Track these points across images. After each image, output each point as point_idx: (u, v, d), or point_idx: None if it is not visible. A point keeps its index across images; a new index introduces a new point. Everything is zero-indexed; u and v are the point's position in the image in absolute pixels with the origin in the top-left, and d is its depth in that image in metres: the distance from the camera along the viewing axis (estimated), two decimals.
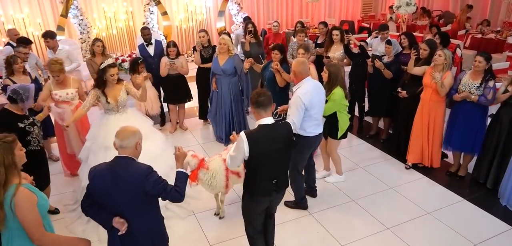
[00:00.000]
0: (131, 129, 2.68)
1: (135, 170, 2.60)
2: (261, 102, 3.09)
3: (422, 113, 5.20)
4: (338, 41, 6.55)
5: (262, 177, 3.18)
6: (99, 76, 4.54)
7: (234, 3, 12.58)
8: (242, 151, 3.05)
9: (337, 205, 4.77)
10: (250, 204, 3.33)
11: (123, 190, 2.58)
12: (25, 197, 2.43)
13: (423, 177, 5.32)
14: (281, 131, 3.22)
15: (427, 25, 11.98)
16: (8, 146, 2.47)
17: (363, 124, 7.01)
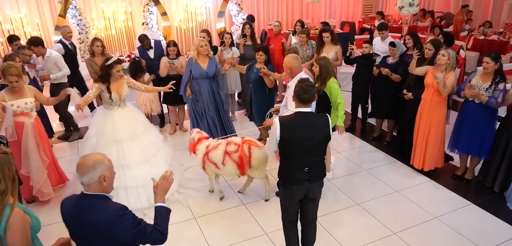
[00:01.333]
0: (90, 161, 2.21)
1: (102, 214, 2.17)
2: (304, 99, 3.13)
3: (422, 115, 5.09)
4: (329, 42, 6.49)
5: (294, 165, 3.20)
6: (105, 72, 4.53)
7: (234, 3, 12.46)
8: (274, 135, 3.14)
9: (341, 208, 4.66)
10: (285, 192, 3.40)
11: (92, 237, 2.19)
12: (20, 220, 2.15)
13: (428, 180, 5.21)
14: (318, 122, 3.23)
15: (428, 26, 11.91)
16: (8, 157, 2.19)
17: (366, 126, 6.91)
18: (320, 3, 13.30)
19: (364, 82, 6.39)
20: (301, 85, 3.14)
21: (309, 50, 6.84)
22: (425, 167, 5.24)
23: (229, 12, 12.69)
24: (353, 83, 6.62)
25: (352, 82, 6.67)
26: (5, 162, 2.15)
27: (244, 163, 4.46)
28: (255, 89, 5.68)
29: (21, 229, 2.17)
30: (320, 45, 6.62)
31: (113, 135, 4.52)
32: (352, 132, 6.82)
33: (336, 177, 5.32)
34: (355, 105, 6.77)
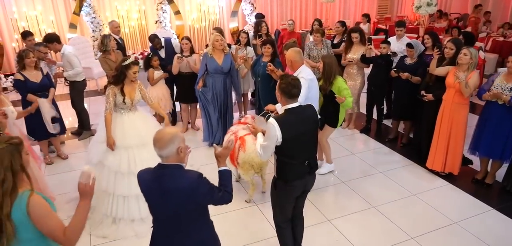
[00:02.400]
0: (168, 135, 2.37)
1: (184, 181, 2.38)
2: (294, 94, 3.10)
3: (443, 116, 4.92)
4: (357, 42, 6.35)
5: (295, 161, 3.17)
6: (121, 73, 4.26)
7: (247, 3, 12.39)
8: (274, 137, 3.03)
9: (357, 211, 4.52)
10: (285, 190, 3.28)
11: (171, 203, 2.39)
12: (40, 203, 2.14)
13: (446, 184, 5.05)
14: (307, 113, 3.22)
15: (445, 28, 11.69)
16: (15, 148, 2.14)
17: (382, 127, 6.76)
18: (335, 3, 13.15)
19: (380, 82, 6.23)
20: (288, 81, 3.10)
21: (324, 49, 6.71)
22: (446, 169, 5.08)
23: (242, 11, 12.63)
24: (369, 83, 6.48)
25: (368, 83, 6.53)
26: (8, 153, 2.09)
27: (233, 158, 4.59)
28: (262, 83, 5.72)
29: (45, 211, 2.15)
30: (349, 45, 6.46)
31: (122, 140, 4.26)
32: (367, 133, 6.67)
33: (351, 179, 5.19)
34: (371, 106, 6.62)
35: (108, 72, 6.06)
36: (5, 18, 10.41)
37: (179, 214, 2.42)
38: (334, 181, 5.14)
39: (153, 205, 2.49)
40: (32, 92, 5.29)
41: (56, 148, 5.92)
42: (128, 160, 4.24)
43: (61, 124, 5.80)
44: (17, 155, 2.12)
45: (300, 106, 3.18)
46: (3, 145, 2.09)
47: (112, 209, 4.25)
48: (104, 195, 4.27)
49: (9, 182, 2.07)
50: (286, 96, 3.10)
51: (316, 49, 6.70)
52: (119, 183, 4.24)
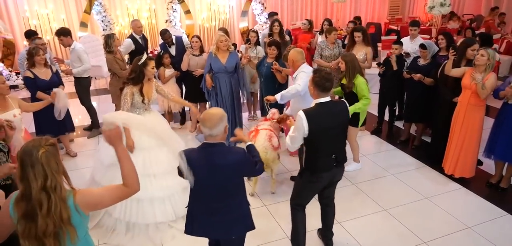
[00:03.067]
0: (218, 115, 2.60)
1: (232, 157, 2.63)
2: (327, 88, 3.19)
3: (458, 118, 4.81)
4: (360, 42, 6.26)
5: (322, 153, 3.26)
6: (140, 72, 4.17)
7: (258, 2, 12.34)
8: (301, 129, 3.13)
9: (368, 214, 4.43)
10: (311, 180, 3.38)
11: (219, 178, 2.61)
12: (85, 195, 2.08)
13: (460, 187, 4.93)
14: (338, 108, 3.32)
15: (457, 29, 11.51)
16: (56, 148, 2.03)
17: (393, 129, 6.65)
18: (346, 3, 13.04)
19: (392, 84, 6.12)
20: (322, 75, 3.20)
21: (336, 49, 6.63)
22: (456, 173, 4.97)
23: (252, 11, 12.58)
24: (381, 85, 6.37)
25: (380, 84, 6.43)
26: (52, 155, 1.97)
27: None
28: (266, 84, 5.71)
29: (90, 194, 2.13)
30: (351, 44, 6.39)
31: (139, 141, 4.09)
32: (378, 135, 6.57)
33: (362, 181, 5.10)
34: (382, 107, 6.51)
35: (118, 72, 6.04)
36: (17, 16, 10.50)
37: (225, 187, 2.66)
38: (344, 183, 5.05)
39: (200, 180, 2.63)
40: (41, 90, 5.29)
41: (65, 145, 5.92)
42: (143, 162, 4.11)
43: (70, 122, 5.81)
44: (58, 156, 2.02)
45: (331, 101, 3.27)
46: (45, 147, 1.96)
47: (126, 213, 4.06)
48: None
49: (62, 186, 1.98)
50: (319, 89, 3.18)
51: (329, 49, 6.62)
52: None
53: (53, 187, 1.93)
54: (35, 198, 1.92)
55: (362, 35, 6.24)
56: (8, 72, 9.73)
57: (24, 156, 1.93)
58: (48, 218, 1.93)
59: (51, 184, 1.93)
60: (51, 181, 1.93)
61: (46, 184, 1.92)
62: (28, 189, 1.93)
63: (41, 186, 1.91)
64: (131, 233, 4.05)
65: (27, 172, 1.91)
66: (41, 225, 1.93)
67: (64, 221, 1.96)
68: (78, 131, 6.74)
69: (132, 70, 4.26)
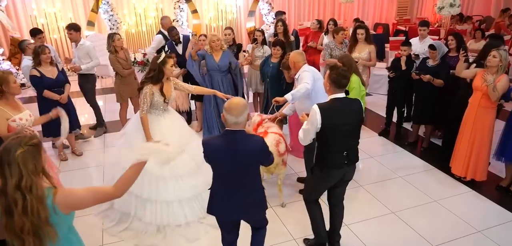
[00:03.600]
0: (242, 103, 2.76)
1: (253, 144, 2.80)
2: (343, 85, 3.22)
3: (468, 119, 4.73)
4: (362, 40, 6.19)
5: (334, 150, 3.27)
6: (159, 71, 4.03)
7: (265, 2, 12.29)
8: (315, 123, 3.14)
9: (376, 216, 4.37)
10: (320, 176, 3.40)
11: (240, 163, 2.77)
12: (65, 195, 2.05)
13: (469, 190, 4.85)
14: (353, 106, 3.33)
15: (466, 30, 11.39)
16: (36, 149, 2.01)
17: (401, 130, 6.56)
18: (353, 3, 12.94)
19: (401, 85, 6.03)
20: (338, 71, 3.21)
21: (345, 49, 6.57)
22: (468, 176, 4.89)
23: (259, 11, 12.54)
24: (390, 86, 6.29)
25: (388, 85, 6.35)
26: (30, 155, 1.96)
27: None
28: (272, 84, 5.67)
29: (71, 194, 2.10)
30: (354, 43, 6.35)
31: None
32: (386, 136, 6.49)
33: (369, 183, 5.04)
34: (391, 108, 6.43)
35: (120, 71, 6.03)
36: (24, 15, 10.53)
37: (244, 172, 2.82)
38: (352, 184, 4.93)
39: (221, 166, 2.82)
40: (48, 88, 5.28)
41: (71, 144, 5.91)
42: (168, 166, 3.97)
43: (76, 120, 5.80)
44: (39, 157, 2.00)
45: (346, 98, 3.30)
46: (24, 147, 1.95)
47: (156, 217, 4.00)
48: (146, 203, 4.04)
49: (38, 186, 1.96)
50: (335, 85, 3.20)
51: (338, 49, 6.57)
52: (162, 188, 4.02)
53: (28, 188, 1.92)
54: (11, 196, 1.92)
55: (365, 33, 6.18)
56: (16, 70, 9.75)
57: (3, 153, 1.93)
58: (24, 217, 1.92)
59: (26, 184, 1.91)
60: (26, 182, 1.91)
61: (21, 184, 1.91)
62: (5, 185, 1.93)
63: (15, 185, 1.91)
64: (162, 233, 4.01)
65: (4, 169, 1.92)
66: (18, 222, 1.92)
67: (42, 220, 1.94)
68: (84, 130, 6.73)
69: (151, 68, 4.12)
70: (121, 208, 4.16)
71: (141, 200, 4.04)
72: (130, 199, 4.05)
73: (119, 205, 4.14)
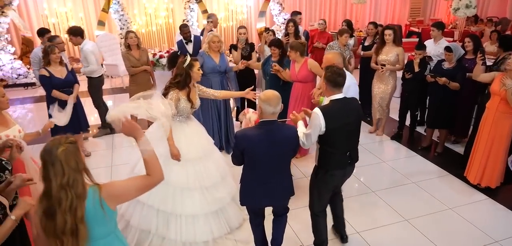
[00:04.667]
0: (276, 95, 2.95)
1: (289, 132, 3.04)
2: (339, 83, 3.19)
3: (485, 124, 4.58)
4: (390, 42, 5.97)
5: (337, 151, 3.27)
6: (186, 75, 3.80)
7: (276, 3, 12.18)
8: (318, 126, 3.13)
9: (388, 224, 4.24)
10: (325, 179, 3.40)
11: (278, 151, 2.98)
12: (111, 188, 2.08)
13: (486, 198, 4.69)
14: (352, 105, 3.33)
15: (482, 31, 11.17)
16: (76, 146, 2.01)
17: (414, 134, 6.41)
18: (365, 4, 12.77)
19: (414, 87, 5.88)
20: (333, 70, 3.21)
21: (347, 51, 6.49)
22: (483, 183, 4.74)
23: (270, 12, 12.43)
24: (403, 88, 6.14)
25: (402, 88, 6.20)
26: (71, 153, 1.96)
27: None
28: (271, 83, 5.58)
29: (116, 186, 2.13)
30: (381, 45, 6.08)
31: (187, 152, 3.77)
32: (398, 140, 6.34)
33: (381, 189, 4.91)
34: (404, 112, 6.28)
35: (127, 68, 6.01)
36: (36, 15, 10.58)
37: (280, 160, 3.04)
38: (363, 190, 4.87)
39: (259, 155, 2.97)
40: (57, 88, 5.25)
41: (79, 144, 5.86)
42: (195, 174, 3.81)
43: (84, 121, 5.76)
44: (78, 154, 2.00)
45: (345, 98, 3.27)
46: (65, 145, 1.95)
47: (181, 233, 3.72)
48: (170, 218, 3.76)
49: (79, 184, 1.97)
50: (331, 85, 3.18)
51: (341, 50, 6.45)
52: (188, 200, 3.76)
53: (70, 184, 1.94)
54: (55, 196, 1.93)
55: (393, 34, 5.93)
56: (27, 69, 9.79)
57: (45, 155, 1.94)
58: (66, 215, 1.93)
59: (68, 181, 1.93)
60: (69, 179, 1.93)
61: (63, 182, 1.93)
62: (49, 187, 1.94)
63: (59, 184, 1.92)
64: None
65: (48, 170, 1.93)
66: (60, 222, 1.94)
67: (78, 218, 1.95)
68: (94, 130, 6.70)
69: (177, 73, 3.83)
70: (139, 226, 3.78)
71: (164, 215, 3.74)
72: (150, 214, 3.74)
73: (137, 221, 3.78)
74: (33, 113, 7.90)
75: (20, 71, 9.72)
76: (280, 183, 3.13)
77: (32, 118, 7.57)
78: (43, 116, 5.41)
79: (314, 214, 3.57)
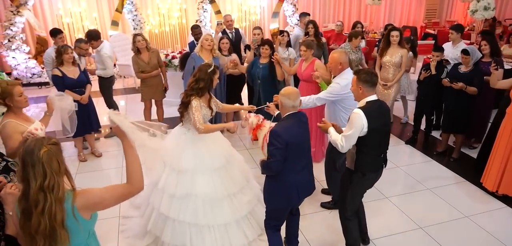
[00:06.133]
0: (296, 90, 3.20)
1: (306, 118, 3.25)
2: (375, 82, 3.20)
3: (505, 131, 4.44)
4: (395, 43, 5.90)
5: (374, 153, 3.29)
6: (210, 81, 3.71)
7: (289, 4, 12.09)
8: (360, 127, 3.10)
9: (402, 231, 4.13)
10: (361, 182, 3.38)
11: (307, 134, 3.24)
12: (85, 196, 2.01)
13: (504, 206, 4.55)
14: (385, 106, 3.35)
15: (499, 34, 10.92)
16: (59, 148, 1.98)
17: (429, 139, 6.27)
18: (380, 5, 12.59)
19: (430, 91, 5.74)
20: (366, 71, 3.23)
21: (359, 53, 6.38)
22: (500, 190, 4.60)
23: (283, 12, 12.36)
24: (418, 92, 6.01)
25: (417, 91, 6.07)
26: (54, 155, 1.92)
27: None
28: (264, 85, 5.61)
29: (91, 194, 2.04)
30: (386, 46, 6.03)
31: (212, 162, 3.72)
32: (413, 145, 6.21)
33: (395, 194, 4.79)
34: (419, 116, 6.14)
35: (137, 74, 6.02)
36: (51, 14, 10.67)
37: (308, 142, 3.28)
38: (376, 196, 4.75)
39: (299, 146, 3.10)
40: (69, 89, 5.26)
41: (90, 145, 5.88)
42: (222, 182, 3.74)
43: (96, 121, 5.76)
44: (61, 156, 1.98)
45: (378, 99, 3.26)
46: (47, 146, 1.92)
47: (217, 243, 3.66)
48: (204, 230, 3.66)
49: (59, 186, 1.92)
50: (369, 85, 3.17)
51: (353, 52, 6.39)
52: (218, 210, 3.68)
53: (51, 187, 1.89)
54: (32, 197, 1.88)
55: (399, 35, 5.91)
56: (41, 69, 9.88)
57: (26, 156, 1.90)
58: (41, 217, 1.88)
59: (49, 184, 1.88)
60: (50, 181, 1.89)
61: (44, 184, 1.88)
62: (27, 188, 1.90)
63: (39, 186, 1.88)
64: None
65: (27, 172, 1.89)
66: (34, 222, 1.89)
67: (57, 222, 1.90)
68: (105, 130, 6.71)
69: (200, 78, 3.68)
70: (172, 241, 3.66)
71: (196, 228, 3.64)
72: (183, 229, 3.64)
73: (169, 237, 3.66)
74: None
75: (34, 71, 9.82)
76: (310, 167, 3.28)
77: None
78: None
79: (347, 221, 3.54)
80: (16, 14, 9.43)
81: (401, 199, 4.72)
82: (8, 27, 9.43)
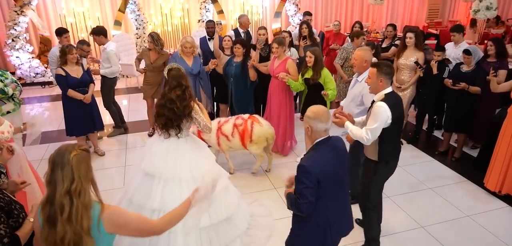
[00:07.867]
0: (327, 109, 2.64)
1: (341, 142, 2.71)
2: (393, 74, 3.36)
3: (506, 131, 4.45)
4: (411, 45, 5.77)
5: (396, 140, 3.41)
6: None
7: (291, 3, 12.10)
8: (385, 119, 3.15)
9: (403, 231, 4.15)
10: (386, 170, 3.48)
11: (344, 163, 2.68)
12: (114, 213, 1.99)
13: (505, 205, 4.56)
14: (398, 96, 3.41)
15: (501, 34, 10.90)
16: (88, 156, 1.98)
17: (431, 139, 6.28)
18: (382, 5, 12.58)
19: (432, 90, 5.76)
20: (386, 63, 3.30)
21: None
22: (503, 190, 4.60)
23: (286, 12, 12.37)
24: (421, 92, 6.01)
25: (419, 91, 6.07)
26: (83, 160, 1.92)
27: (246, 137, 4.91)
28: (236, 83, 5.80)
29: (121, 214, 2.05)
30: (402, 48, 5.87)
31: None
32: (415, 144, 6.22)
33: (396, 194, 4.81)
34: (421, 115, 6.15)
35: (136, 63, 6.32)
36: (54, 14, 10.71)
37: (345, 171, 2.71)
38: None
39: (337, 178, 2.61)
40: (72, 88, 5.30)
41: (93, 144, 5.92)
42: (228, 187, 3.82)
43: (99, 120, 5.80)
44: (90, 163, 1.98)
45: (393, 91, 3.32)
46: (78, 151, 1.91)
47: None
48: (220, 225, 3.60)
49: (86, 192, 1.91)
50: (389, 77, 3.25)
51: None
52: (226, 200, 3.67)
53: (77, 192, 1.87)
54: (58, 201, 1.86)
55: (415, 37, 5.72)
56: (44, 68, 9.93)
57: (56, 157, 1.89)
58: (68, 225, 1.86)
59: (76, 188, 1.86)
60: (77, 186, 1.87)
61: (71, 188, 1.86)
62: (53, 191, 1.87)
63: (66, 189, 1.85)
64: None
65: (55, 174, 1.87)
66: (60, 231, 1.86)
67: (84, 229, 1.88)
68: (108, 129, 6.74)
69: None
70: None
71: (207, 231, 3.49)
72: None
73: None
74: (50, 112, 7.99)
75: (38, 70, 9.87)
76: (350, 207, 2.83)
77: (48, 116, 7.65)
78: (59, 115, 5.47)
79: (369, 209, 3.61)
80: (20, 14, 9.47)
81: (402, 198, 4.73)
82: (12, 27, 9.48)
